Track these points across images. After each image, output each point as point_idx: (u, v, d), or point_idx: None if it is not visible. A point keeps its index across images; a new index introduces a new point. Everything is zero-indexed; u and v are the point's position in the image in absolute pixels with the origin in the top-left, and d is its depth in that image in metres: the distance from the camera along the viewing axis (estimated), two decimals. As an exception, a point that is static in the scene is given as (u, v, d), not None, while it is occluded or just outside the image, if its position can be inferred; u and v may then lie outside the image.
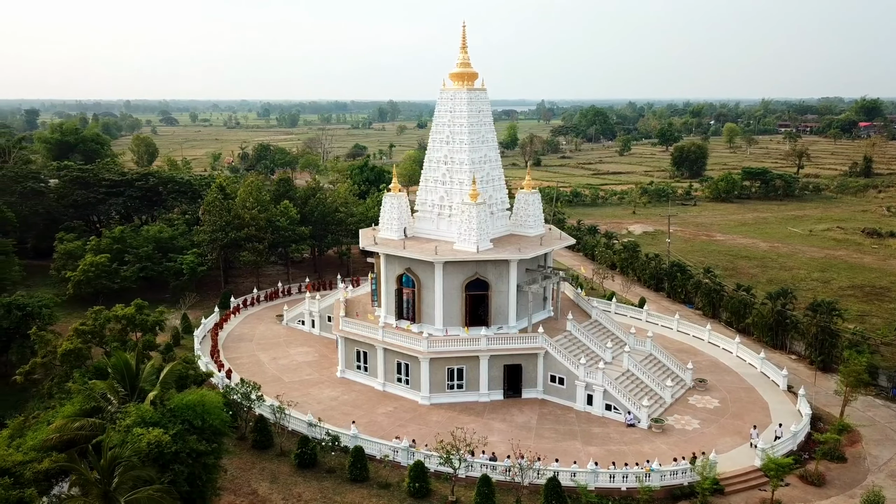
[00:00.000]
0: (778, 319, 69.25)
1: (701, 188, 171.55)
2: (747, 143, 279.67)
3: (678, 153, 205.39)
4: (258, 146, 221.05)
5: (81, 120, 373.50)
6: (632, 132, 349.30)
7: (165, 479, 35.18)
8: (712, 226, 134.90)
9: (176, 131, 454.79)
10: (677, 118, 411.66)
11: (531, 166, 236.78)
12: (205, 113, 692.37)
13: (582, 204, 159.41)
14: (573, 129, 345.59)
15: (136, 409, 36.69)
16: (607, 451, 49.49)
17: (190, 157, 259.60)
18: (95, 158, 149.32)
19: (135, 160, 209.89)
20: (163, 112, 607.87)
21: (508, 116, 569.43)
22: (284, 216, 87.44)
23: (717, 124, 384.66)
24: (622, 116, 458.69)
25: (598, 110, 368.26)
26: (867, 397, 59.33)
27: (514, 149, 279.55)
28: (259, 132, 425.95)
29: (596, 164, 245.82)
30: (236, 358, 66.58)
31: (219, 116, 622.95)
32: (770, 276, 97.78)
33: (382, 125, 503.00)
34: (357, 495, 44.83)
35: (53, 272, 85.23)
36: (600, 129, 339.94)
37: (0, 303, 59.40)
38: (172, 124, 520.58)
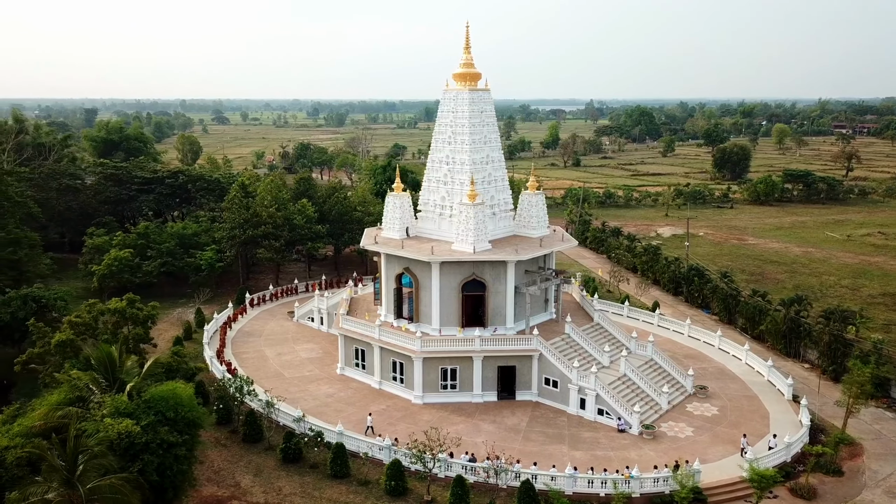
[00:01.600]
0: (791, 327, 67.23)
1: (739, 190, 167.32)
2: (797, 145, 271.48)
3: (720, 154, 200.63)
4: (298, 145, 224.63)
5: (135, 119, 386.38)
6: (678, 133, 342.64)
7: (134, 468, 36.43)
8: (746, 229, 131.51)
9: (226, 130, 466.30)
10: (728, 118, 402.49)
11: (571, 166, 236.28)
12: (256, 112, 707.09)
13: (615, 205, 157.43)
14: (617, 129, 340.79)
15: (111, 400, 38.02)
16: (593, 457, 48.89)
17: (235, 155, 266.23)
18: (138, 156, 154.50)
19: (179, 158, 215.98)
20: (216, 111, 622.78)
21: (555, 116, 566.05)
22: (301, 214, 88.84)
23: (769, 125, 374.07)
24: (671, 116, 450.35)
25: (643, 110, 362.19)
26: (878, 409, 57.25)
27: (556, 149, 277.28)
28: (306, 131, 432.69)
29: (636, 164, 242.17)
30: (243, 353, 68.06)
31: (269, 116, 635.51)
32: (797, 281, 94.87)
33: (428, 125, 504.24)
34: (336, 491, 45.42)
35: (81, 266, 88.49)
36: (645, 129, 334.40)
37: (17, 294, 62.10)
38: (224, 123, 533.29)
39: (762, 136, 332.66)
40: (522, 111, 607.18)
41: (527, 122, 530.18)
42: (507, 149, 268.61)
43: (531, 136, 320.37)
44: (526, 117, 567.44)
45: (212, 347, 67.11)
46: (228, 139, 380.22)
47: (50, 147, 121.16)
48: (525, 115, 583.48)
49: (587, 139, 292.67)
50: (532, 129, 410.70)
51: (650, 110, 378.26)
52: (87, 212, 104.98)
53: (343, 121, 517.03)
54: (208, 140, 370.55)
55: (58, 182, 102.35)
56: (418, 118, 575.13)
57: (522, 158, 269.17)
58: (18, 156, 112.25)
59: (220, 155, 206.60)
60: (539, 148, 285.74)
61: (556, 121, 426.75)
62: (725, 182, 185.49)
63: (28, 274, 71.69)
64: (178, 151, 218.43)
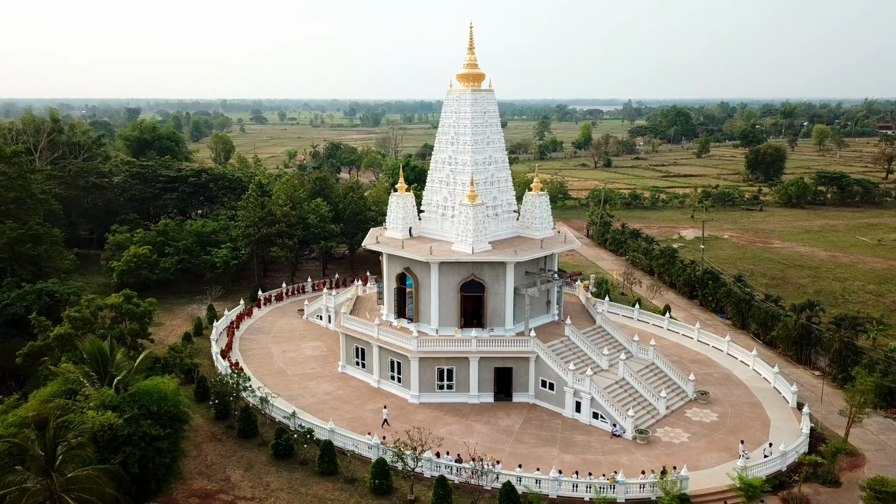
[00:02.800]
0: (801, 333, 65.66)
1: (770, 192, 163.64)
2: (837, 146, 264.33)
3: (753, 155, 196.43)
4: (329, 145, 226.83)
5: (175, 118, 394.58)
6: (714, 133, 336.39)
7: (116, 460, 37.39)
8: (773, 232, 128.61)
9: (264, 129, 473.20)
10: (769, 119, 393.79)
11: (601, 167, 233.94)
12: (293, 112, 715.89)
13: (640, 207, 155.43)
14: (651, 129, 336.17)
15: (97, 393, 39.06)
16: (583, 460, 48.56)
17: (269, 154, 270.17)
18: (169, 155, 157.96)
19: (213, 157, 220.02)
20: (255, 111, 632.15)
21: (592, 116, 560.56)
22: (315, 213, 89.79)
23: (810, 125, 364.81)
24: (709, 117, 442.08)
25: (679, 110, 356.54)
26: (886, 419, 55.64)
27: (588, 149, 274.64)
28: (341, 131, 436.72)
29: (669, 165, 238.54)
30: (250, 349, 69.15)
31: (306, 115, 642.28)
32: (819, 286, 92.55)
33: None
34: (322, 488, 45.90)
35: (103, 262, 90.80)
36: (680, 129, 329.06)
37: (32, 289, 64.09)
38: (262, 123, 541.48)
39: (802, 138, 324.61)
40: (559, 111, 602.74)
41: (562, 123, 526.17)
42: (539, 149, 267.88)
43: (566, 137, 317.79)
44: (562, 117, 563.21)
45: (220, 344, 68.27)
46: (264, 138, 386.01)
47: (84, 146, 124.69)
48: (561, 115, 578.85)
49: (620, 140, 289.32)
50: (567, 130, 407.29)
51: (686, 110, 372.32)
52: (113, 209, 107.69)
53: (378, 121, 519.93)
54: (245, 139, 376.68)
55: (85, 180, 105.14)
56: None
57: (553, 158, 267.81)
58: (52, 153, 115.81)
59: (251, 154, 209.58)
60: (570, 148, 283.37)
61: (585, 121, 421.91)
62: (758, 184, 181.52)
63: (47, 269, 73.85)
64: (212, 151, 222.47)
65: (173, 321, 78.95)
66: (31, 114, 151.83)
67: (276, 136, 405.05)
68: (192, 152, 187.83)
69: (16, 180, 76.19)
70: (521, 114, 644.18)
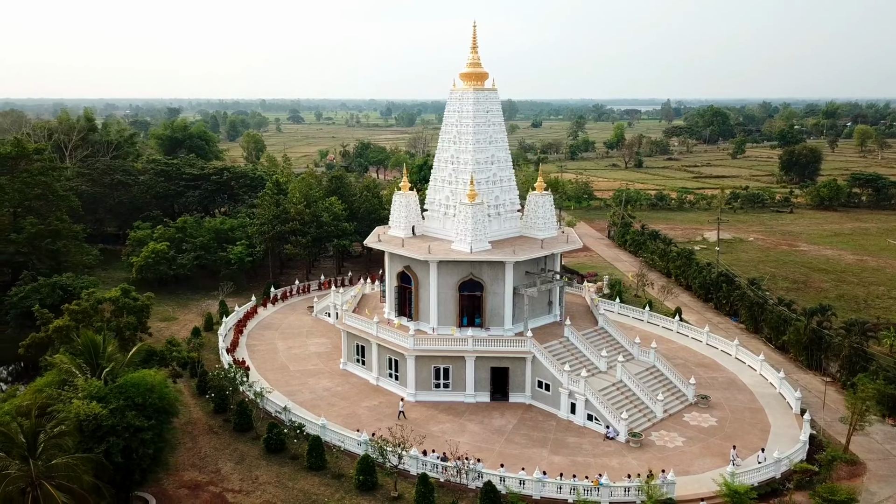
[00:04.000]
0: (812, 338, 64.05)
1: (802, 194, 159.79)
2: (879, 147, 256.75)
3: (787, 157, 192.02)
4: (358, 144, 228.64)
5: (212, 118, 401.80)
6: (752, 134, 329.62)
7: (100, 449, 38.38)
8: (801, 235, 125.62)
9: (300, 129, 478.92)
10: (811, 119, 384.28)
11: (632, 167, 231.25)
12: (330, 112, 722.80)
13: (666, 208, 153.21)
14: (687, 129, 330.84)
15: (85, 384, 40.13)
16: (572, 462, 48.16)
17: (302, 153, 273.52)
18: (200, 153, 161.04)
19: (244, 156, 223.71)
20: (293, 111, 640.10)
21: (629, 116, 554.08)
22: (329, 212, 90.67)
23: (853, 126, 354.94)
24: (749, 117, 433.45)
25: (716, 110, 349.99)
26: (894, 428, 53.95)
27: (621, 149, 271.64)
28: (375, 131, 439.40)
29: (701, 166, 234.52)
30: (257, 344, 70.20)
31: (342, 115, 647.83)
32: (842, 291, 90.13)
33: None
34: (309, 483, 46.37)
35: (124, 257, 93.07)
36: (717, 129, 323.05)
37: (46, 283, 66.07)
38: (299, 122, 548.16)
39: (844, 138, 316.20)
40: (595, 111, 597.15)
41: (598, 123, 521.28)
42: (569, 149, 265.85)
43: (600, 137, 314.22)
44: (598, 117, 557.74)
45: (227, 339, 69.43)
46: (299, 138, 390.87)
47: (113, 144, 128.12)
48: (598, 115, 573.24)
49: (653, 140, 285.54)
50: (602, 130, 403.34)
51: (724, 110, 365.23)
52: (138, 206, 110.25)
53: (413, 121, 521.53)
54: (279, 139, 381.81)
55: (111, 177, 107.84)
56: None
57: (584, 159, 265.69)
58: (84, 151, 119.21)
59: (280, 154, 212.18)
60: (602, 148, 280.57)
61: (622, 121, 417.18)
62: (791, 186, 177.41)
63: (66, 263, 75.97)
64: (244, 149, 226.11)
65: (187, 316, 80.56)
66: (66, 113, 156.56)
67: (311, 135, 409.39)
68: (222, 151, 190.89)
69: (38, 177, 78.50)
70: (557, 113, 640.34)
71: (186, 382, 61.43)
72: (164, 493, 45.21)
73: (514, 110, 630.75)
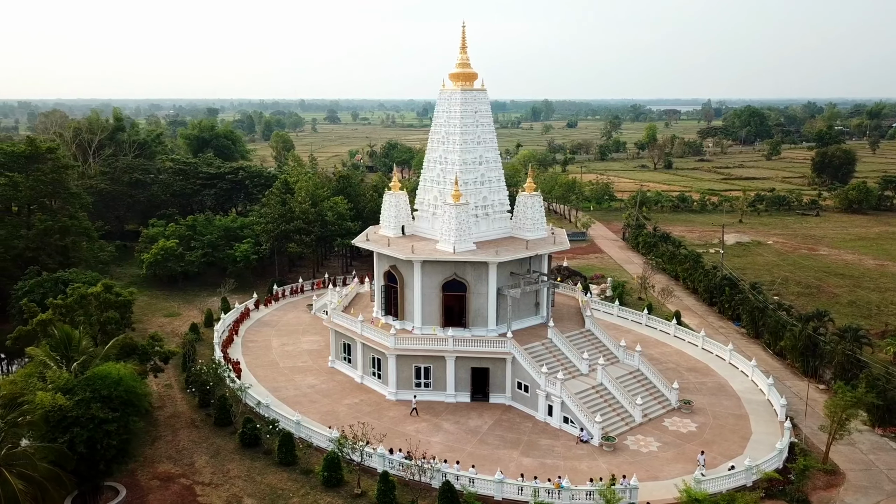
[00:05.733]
0: (807, 344, 62.47)
1: (830, 197, 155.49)
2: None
3: (820, 158, 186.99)
4: (386, 144, 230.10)
5: (248, 117, 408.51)
6: (790, 134, 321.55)
7: (64, 440, 39.57)
8: (823, 238, 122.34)
9: (335, 129, 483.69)
10: (855, 119, 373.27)
11: (661, 168, 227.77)
12: (367, 112, 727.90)
13: (688, 210, 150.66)
14: (723, 130, 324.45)
15: (53, 376, 41.43)
16: (541, 464, 47.93)
17: (333, 153, 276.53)
18: (226, 153, 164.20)
19: (273, 155, 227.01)
20: (331, 111, 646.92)
21: (668, 116, 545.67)
22: (333, 211, 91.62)
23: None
24: (790, 118, 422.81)
25: (753, 110, 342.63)
26: (882, 438, 52.38)
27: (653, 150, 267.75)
28: (409, 131, 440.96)
29: (733, 168, 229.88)
30: (252, 341, 71.37)
31: (378, 115, 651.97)
32: (856, 296, 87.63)
33: (531, 124, 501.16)
34: (277, 478, 47.06)
35: (136, 254, 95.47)
36: (754, 130, 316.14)
37: (49, 277, 68.17)
38: (335, 122, 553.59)
39: (888, 140, 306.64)
40: (633, 111, 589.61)
41: (636, 123, 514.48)
42: (599, 150, 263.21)
43: (636, 138, 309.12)
44: (636, 117, 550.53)
45: (224, 335, 70.64)
46: (334, 138, 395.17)
47: (135, 143, 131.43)
48: (635, 115, 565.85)
49: (686, 141, 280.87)
50: (638, 131, 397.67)
51: (761, 111, 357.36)
52: (156, 204, 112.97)
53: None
54: (314, 139, 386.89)
55: (130, 176, 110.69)
56: (524, 118, 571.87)
57: (614, 159, 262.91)
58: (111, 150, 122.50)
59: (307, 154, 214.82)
60: (633, 149, 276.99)
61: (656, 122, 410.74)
62: (824, 188, 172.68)
63: (74, 259, 78.24)
64: (273, 149, 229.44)
65: (190, 312, 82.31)
66: (96, 113, 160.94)
67: (345, 135, 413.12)
68: (250, 150, 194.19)
69: (50, 175, 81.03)
70: (595, 114, 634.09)
71: (177, 377, 62.95)
72: (137, 484, 46.37)
73: (551, 110, 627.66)
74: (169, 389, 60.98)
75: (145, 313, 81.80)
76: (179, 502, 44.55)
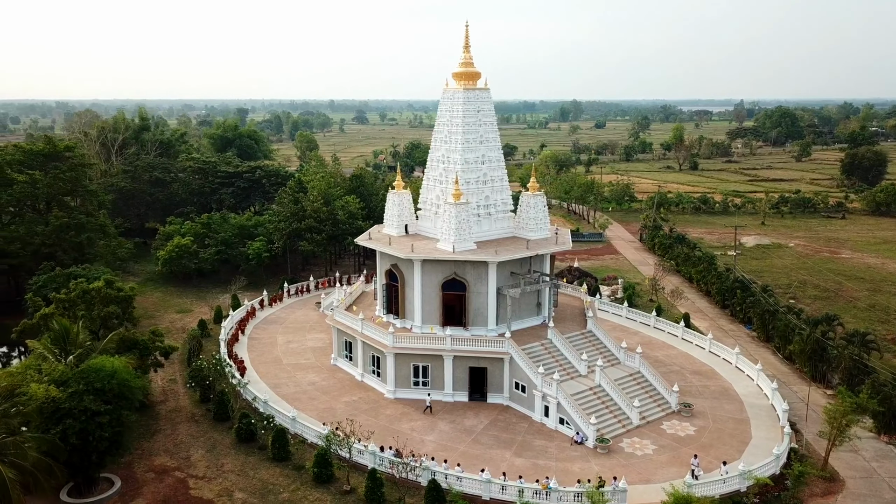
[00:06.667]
0: (815, 348, 61.18)
1: (857, 199, 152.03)
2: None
3: (849, 160, 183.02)
4: (409, 144, 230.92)
5: (276, 118, 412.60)
6: (823, 136, 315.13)
7: (56, 431, 40.43)
8: (846, 242, 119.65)
9: (362, 129, 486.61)
10: (892, 120, 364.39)
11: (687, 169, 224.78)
12: (395, 112, 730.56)
13: (709, 211, 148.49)
14: (752, 131, 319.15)
15: (49, 368, 42.34)
16: (533, 465, 47.65)
17: (358, 154, 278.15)
18: (249, 152, 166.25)
19: (297, 155, 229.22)
20: (359, 111, 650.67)
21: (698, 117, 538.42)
22: (344, 210, 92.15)
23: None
24: (825, 118, 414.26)
25: (784, 111, 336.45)
26: (888, 446, 51.09)
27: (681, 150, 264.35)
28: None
29: (761, 169, 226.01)
30: (258, 338, 72.10)
31: (406, 116, 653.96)
32: (874, 301, 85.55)
33: (559, 125, 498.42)
34: (269, 473, 47.48)
35: (153, 252, 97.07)
36: (785, 131, 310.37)
37: (61, 273, 69.65)
38: (363, 123, 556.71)
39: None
40: (663, 112, 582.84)
41: (666, 124, 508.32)
42: (624, 150, 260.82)
43: (664, 139, 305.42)
44: (665, 118, 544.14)
45: (231, 332, 71.48)
46: (360, 138, 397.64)
47: (168, 142, 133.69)
48: (665, 116, 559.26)
49: (714, 142, 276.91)
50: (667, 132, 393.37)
51: (793, 111, 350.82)
52: (176, 202, 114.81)
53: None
54: (341, 139, 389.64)
55: (150, 174, 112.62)
56: (552, 118, 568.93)
57: (640, 161, 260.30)
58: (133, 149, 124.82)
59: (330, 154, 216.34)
60: (659, 150, 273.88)
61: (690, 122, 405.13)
62: (851, 190, 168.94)
63: (88, 255, 79.87)
64: (297, 149, 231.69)
65: (202, 308, 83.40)
66: (122, 113, 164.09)
67: (372, 136, 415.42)
68: (273, 150, 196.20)
69: (67, 173, 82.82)
70: (624, 115, 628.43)
71: (181, 372, 63.84)
72: (132, 476, 47.19)
73: (580, 111, 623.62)
74: (173, 384, 61.90)
75: (158, 309, 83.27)
76: (172, 495, 45.19)
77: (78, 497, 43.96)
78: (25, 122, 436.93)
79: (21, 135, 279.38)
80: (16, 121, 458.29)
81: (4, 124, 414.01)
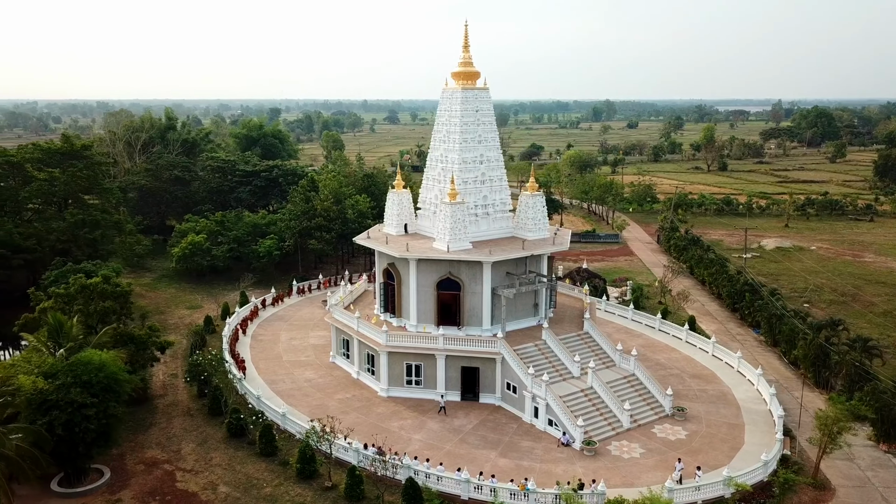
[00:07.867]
0: (818, 353, 59.80)
1: (887, 201, 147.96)
2: None
3: (882, 161, 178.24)
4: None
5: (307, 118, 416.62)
6: (860, 136, 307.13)
7: (43, 422, 41.53)
8: (871, 245, 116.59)
9: (392, 129, 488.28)
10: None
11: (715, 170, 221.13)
12: (427, 112, 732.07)
13: (732, 213, 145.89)
14: (786, 131, 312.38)
15: (39, 360, 43.51)
16: (517, 466, 47.47)
17: (385, 154, 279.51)
18: (273, 151, 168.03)
19: (324, 154, 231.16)
20: (391, 111, 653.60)
21: (734, 117, 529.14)
22: (354, 209, 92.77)
23: None
24: (864, 119, 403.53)
25: (820, 111, 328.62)
26: (887, 455, 49.72)
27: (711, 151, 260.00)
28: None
29: (792, 170, 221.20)
30: (261, 335, 73.03)
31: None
32: (892, 306, 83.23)
33: (590, 125, 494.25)
34: (256, 468, 48.12)
35: (168, 249, 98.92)
36: (820, 131, 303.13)
37: (72, 268, 71.41)
38: (394, 123, 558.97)
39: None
40: (697, 112, 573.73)
41: (700, 124, 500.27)
42: (652, 151, 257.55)
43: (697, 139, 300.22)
44: (699, 118, 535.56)
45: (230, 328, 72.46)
46: (390, 138, 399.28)
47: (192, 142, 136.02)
48: (699, 116, 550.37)
49: (747, 142, 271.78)
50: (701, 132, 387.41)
51: (831, 111, 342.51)
52: (195, 200, 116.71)
53: (507, 120, 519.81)
54: (370, 139, 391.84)
55: (170, 173, 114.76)
56: (584, 118, 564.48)
57: (669, 161, 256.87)
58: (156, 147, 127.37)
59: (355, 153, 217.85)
60: (689, 150, 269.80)
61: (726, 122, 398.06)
62: (883, 192, 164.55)
63: (102, 251, 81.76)
64: (323, 149, 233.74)
65: (212, 305, 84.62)
66: (150, 113, 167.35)
67: (402, 135, 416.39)
68: (298, 150, 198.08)
69: (84, 171, 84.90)
70: (659, 114, 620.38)
71: (183, 367, 64.93)
72: (123, 468, 48.24)
73: (613, 111, 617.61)
74: (174, 379, 63.08)
75: (169, 305, 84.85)
76: (158, 487, 46.08)
77: (68, 487, 45.09)
78: (66, 121, 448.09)
79: (58, 135, 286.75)
80: (57, 120, 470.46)
81: (46, 123, 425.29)
